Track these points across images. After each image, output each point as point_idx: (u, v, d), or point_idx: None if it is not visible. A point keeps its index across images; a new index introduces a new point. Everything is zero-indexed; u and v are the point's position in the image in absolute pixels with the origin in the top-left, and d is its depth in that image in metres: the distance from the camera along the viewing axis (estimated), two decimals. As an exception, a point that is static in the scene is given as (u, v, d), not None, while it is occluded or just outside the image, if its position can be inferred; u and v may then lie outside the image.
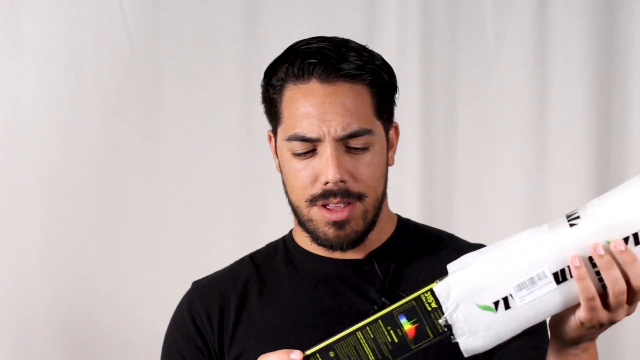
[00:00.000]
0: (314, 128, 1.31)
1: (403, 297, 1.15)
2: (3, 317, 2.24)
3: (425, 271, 1.37)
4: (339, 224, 1.33)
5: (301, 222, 1.37)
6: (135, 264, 2.31)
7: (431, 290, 1.10)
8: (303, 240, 1.41)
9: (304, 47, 1.34)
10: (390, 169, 1.40)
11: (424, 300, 1.10)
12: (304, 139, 1.32)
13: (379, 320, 1.11)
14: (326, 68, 1.31)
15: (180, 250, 2.32)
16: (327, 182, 1.31)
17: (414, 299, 1.11)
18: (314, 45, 1.34)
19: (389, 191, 1.41)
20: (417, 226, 1.45)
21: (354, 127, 1.31)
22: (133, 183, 2.32)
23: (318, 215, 1.34)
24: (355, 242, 1.35)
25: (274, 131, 1.38)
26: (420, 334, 1.11)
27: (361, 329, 1.11)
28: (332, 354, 1.11)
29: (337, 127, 1.31)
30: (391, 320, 1.11)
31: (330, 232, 1.34)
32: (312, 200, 1.33)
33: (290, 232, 1.45)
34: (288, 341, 1.31)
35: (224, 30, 2.37)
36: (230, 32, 2.37)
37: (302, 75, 1.32)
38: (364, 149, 1.33)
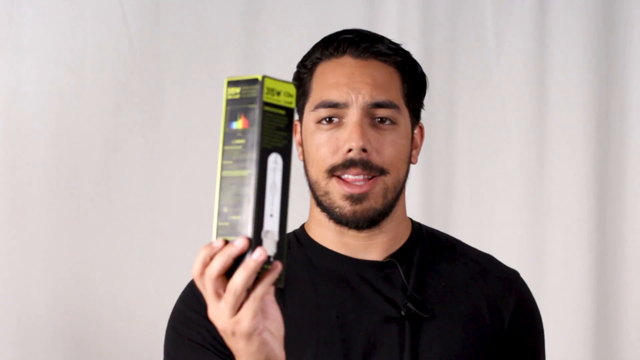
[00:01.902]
0: (342, 94, 1.32)
1: (428, 306, 1.12)
2: (3, 317, 2.24)
3: (445, 280, 1.37)
4: (356, 198, 1.30)
5: (318, 199, 1.34)
6: (135, 264, 2.31)
7: None
8: (318, 235, 1.38)
9: (340, 32, 1.37)
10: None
11: None
12: (331, 105, 1.32)
13: (222, 146, 1.04)
14: (360, 45, 1.34)
15: (181, 250, 2.32)
16: (350, 150, 1.30)
17: None
18: (351, 29, 1.37)
19: None
20: (428, 230, 1.43)
21: (383, 97, 1.32)
22: (133, 183, 2.31)
23: (335, 187, 1.31)
24: (372, 221, 1.32)
25: (300, 112, 1.38)
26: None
27: (222, 168, 1.03)
28: (225, 209, 1.04)
29: (365, 94, 1.32)
30: (230, 135, 1.04)
31: (347, 206, 1.31)
32: (332, 171, 1.31)
33: (302, 226, 1.42)
34: (312, 337, 1.31)
35: (224, 30, 2.36)
36: (230, 32, 2.37)
37: (336, 51, 1.35)
38: (390, 124, 1.33)
